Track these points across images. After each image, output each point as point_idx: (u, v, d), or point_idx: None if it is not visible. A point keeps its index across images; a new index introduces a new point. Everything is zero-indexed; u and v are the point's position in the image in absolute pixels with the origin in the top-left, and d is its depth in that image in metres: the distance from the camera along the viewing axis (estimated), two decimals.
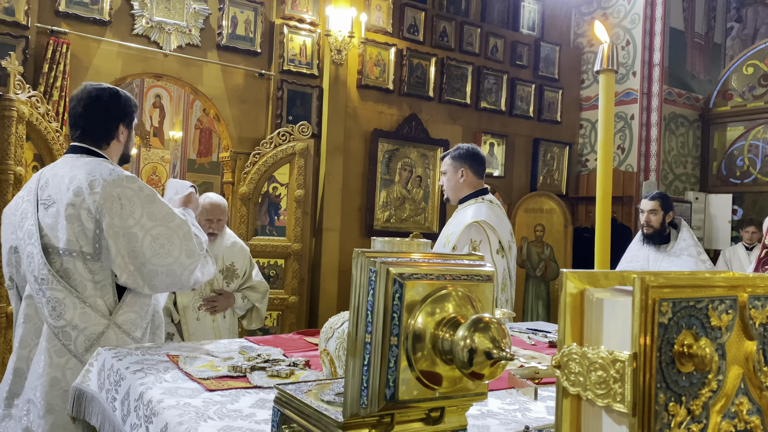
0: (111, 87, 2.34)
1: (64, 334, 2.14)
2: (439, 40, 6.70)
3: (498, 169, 7.20)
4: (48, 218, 2.17)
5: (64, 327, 2.14)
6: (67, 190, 2.15)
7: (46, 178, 2.25)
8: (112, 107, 2.31)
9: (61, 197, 2.15)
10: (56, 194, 2.17)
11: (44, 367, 2.15)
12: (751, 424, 0.70)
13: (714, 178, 7.77)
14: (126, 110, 2.34)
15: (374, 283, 0.92)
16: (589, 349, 0.65)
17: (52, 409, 2.13)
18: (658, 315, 0.61)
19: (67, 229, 2.12)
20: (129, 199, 2.14)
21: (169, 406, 1.46)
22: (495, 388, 1.73)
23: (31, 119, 4.05)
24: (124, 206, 2.13)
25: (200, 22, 5.33)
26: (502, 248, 3.15)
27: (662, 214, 3.99)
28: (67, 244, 2.13)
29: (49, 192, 2.20)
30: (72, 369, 2.13)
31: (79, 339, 2.15)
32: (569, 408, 0.69)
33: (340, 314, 1.59)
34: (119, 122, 2.33)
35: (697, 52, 7.84)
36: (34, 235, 2.17)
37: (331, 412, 1.01)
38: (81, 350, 2.15)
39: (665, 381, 0.62)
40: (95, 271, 2.16)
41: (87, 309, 2.15)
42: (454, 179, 3.28)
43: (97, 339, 2.16)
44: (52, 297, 2.13)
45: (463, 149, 3.29)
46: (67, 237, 2.13)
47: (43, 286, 2.14)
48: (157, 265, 2.16)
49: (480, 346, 0.88)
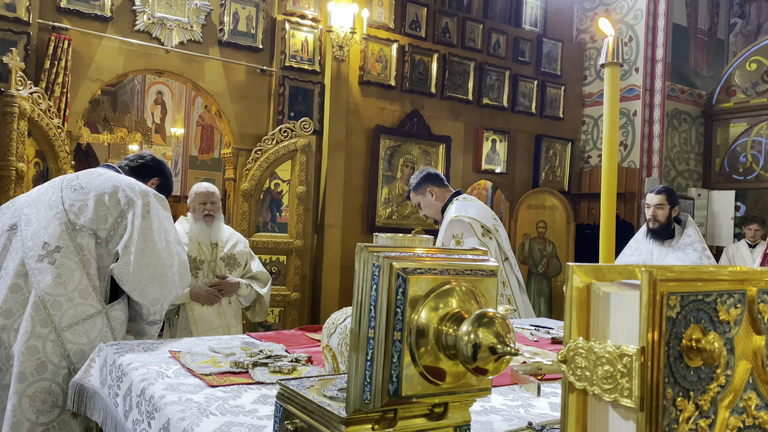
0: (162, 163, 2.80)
1: (55, 303, 2.16)
2: (441, 36, 6.68)
3: (500, 165, 7.19)
4: (73, 196, 2.33)
5: (60, 296, 2.16)
6: (102, 183, 2.37)
7: (75, 174, 2.48)
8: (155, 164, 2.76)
9: (94, 185, 2.36)
10: (88, 183, 2.37)
11: (24, 335, 2.16)
12: (760, 419, 0.69)
13: (717, 174, 7.75)
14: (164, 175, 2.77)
15: (377, 277, 0.91)
16: (596, 344, 0.64)
17: (25, 377, 2.14)
18: (666, 309, 0.60)
19: (93, 209, 2.28)
20: (156, 209, 2.36)
21: (171, 401, 1.46)
22: (498, 384, 1.73)
23: (32, 115, 4.04)
24: (151, 211, 2.33)
25: (202, 18, 5.32)
26: (487, 231, 3.43)
27: (668, 209, 3.98)
28: (87, 222, 2.27)
29: (80, 181, 2.39)
30: (52, 342, 2.15)
31: (68, 313, 2.16)
32: (575, 403, 0.68)
33: (343, 310, 1.58)
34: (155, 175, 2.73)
35: (700, 48, 7.81)
36: (56, 207, 2.30)
37: (333, 408, 1.00)
38: (64, 325, 2.16)
39: (673, 376, 0.61)
40: (101, 256, 2.28)
41: (89, 287, 2.21)
42: (429, 202, 3.61)
43: (84, 320, 2.18)
44: (63, 264, 2.19)
45: (418, 178, 3.63)
46: (90, 216, 2.27)
47: (56, 254, 2.20)
48: (157, 272, 2.28)
49: (484, 341, 0.87)
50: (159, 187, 2.66)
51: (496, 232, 3.44)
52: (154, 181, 2.67)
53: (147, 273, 2.25)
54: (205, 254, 3.39)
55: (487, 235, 3.34)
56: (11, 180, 3.89)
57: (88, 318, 2.19)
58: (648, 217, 4.05)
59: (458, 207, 3.47)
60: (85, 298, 2.20)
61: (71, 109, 4.72)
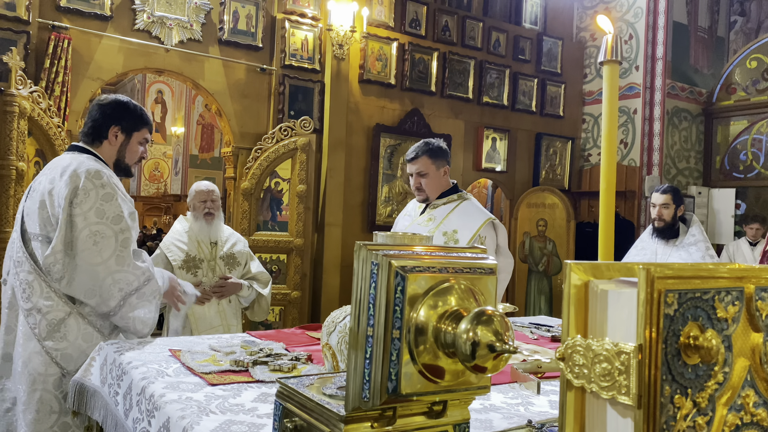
0: (121, 98, 2.47)
1: (31, 317, 2.19)
2: (441, 34, 6.68)
3: (500, 164, 7.19)
4: (28, 204, 2.30)
5: (30, 310, 2.19)
6: (44, 181, 2.27)
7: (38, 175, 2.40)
8: (109, 109, 2.42)
9: (41, 187, 2.27)
10: (38, 184, 2.30)
11: (18, 349, 2.23)
12: (758, 416, 0.69)
13: (717, 172, 7.74)
14: (124, 115, 2.43)
15: (376, 275, 0.91)
16: (594, 341, 0.64)
17: (26, 390, 2.19)
18: (664, 306, 0.60)
19: (39, 215, 2.23)
20: (86, 192, 2.19)
21: (171, 400, 1.46)
22: (498, 382, 1.73)
23: (32, 114, 4.05)
24: (78, 196, 2.18)
25: (201, 17, 5.32)
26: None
27: (674, 208, 3.99)
28: (37, 229, 2.23)
29: (34, 184, 2.34)
30: (37, 353, 2.17)
31: (42, 323, 2.18)
32: (573, 400, 0.68)
33: (342, 308, 1.58)
34: (112, 123, 2.40)
35: (700, 46, 7.80)
36: (18, 221, 2.31)
37: (333, 406, 1.00)
38: (43, 335, 2.18)
39: (671, 373, 0.61)
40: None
41: (51, 293, 2.19)
42: (438, 177, 3.15)
43: (58, 325, 2.18)
44: (24, 279, 2.21)
45: (436, 145, 3.15)
46: (38, 222, 2.23)
47: (18, 269, 2.23)
48: (83, 262, 2.15)
49: (483, 339, 0.87)
50: (125, 127, 2.41)
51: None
52: (114, 131, 2.39)
53: (72, 265, 2.16)
54: (205, 253, 3.40)
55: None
56: (11, 179, 3.90)
57: (61, 323, 2.19)
58: (653, 216, 4.05)
59: (481, 207, 3.19)
60: (49, 305, 2.18)
61: (71, 108, 4.72)
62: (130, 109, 2.44)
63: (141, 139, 2.47)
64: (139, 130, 2.45)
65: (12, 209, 3.91)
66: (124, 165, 2.46)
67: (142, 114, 2.47)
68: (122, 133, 2.42)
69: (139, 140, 2.47)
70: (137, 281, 2.22)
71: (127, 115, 2.43)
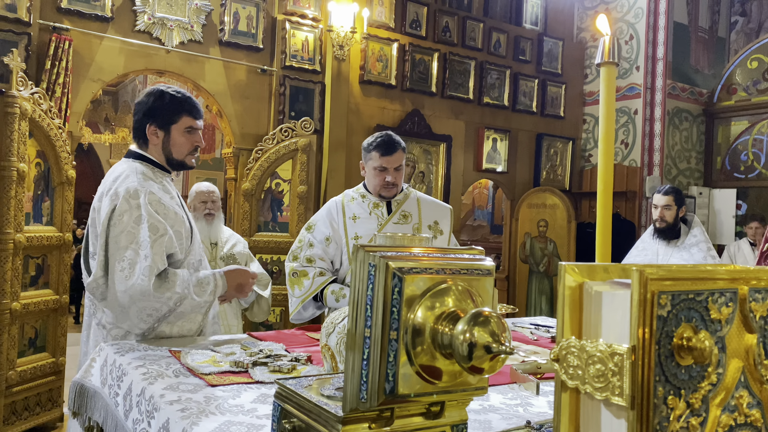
0: (154, 89, 2.28)
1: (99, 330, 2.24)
2: (441, 35, 6.68)
3: (501, 164, 7.19)
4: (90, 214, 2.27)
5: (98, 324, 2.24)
6: (98, 193, 2.24)
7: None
8: (143, 106, 2.26)
9: (95, 198, 2.24)
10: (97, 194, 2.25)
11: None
12: (752, 417, 0.70)
13: (718, 172, 7.74)
14: (155, 109, 2.24)
15: (373, 277, 0.92)
16: (588, 343, 0.65)
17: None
18: (657, 308, 0.61)
19: (91, 231, 2.21)
20: (121, 214, 2.09)
21: (170, 401, 1.46)
22: (497, 383, 1.73)
23: (33, 116, 4.05)
24: (113, 218, 2.09)
25: (202, 18, 5.33)
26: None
27: (676, 209, 3.99)
28: (90, 246, 2.20)
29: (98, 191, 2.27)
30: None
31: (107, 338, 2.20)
32: (568, 401, 0.69)
33: (341, 309, 1.59)
34: (147, 122, 2.25)
35: (701, 47, 7.80)
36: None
37: (331, 407, 1.01)
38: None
39: (664, 374, 0.62)
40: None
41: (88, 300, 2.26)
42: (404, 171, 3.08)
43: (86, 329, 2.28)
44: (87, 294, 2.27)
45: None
46: (91, 238, 2.20)
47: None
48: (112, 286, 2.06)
49: (479, 340, 0.88)
50: (160, 123, 2.23)
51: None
52: (151, 130, 2.24)
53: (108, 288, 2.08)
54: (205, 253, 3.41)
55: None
56: (12, 180, 3.90)
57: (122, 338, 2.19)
58: (655, 217, 4.05)
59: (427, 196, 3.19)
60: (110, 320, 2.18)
61: (72, 110, 4.73)
62: (161, 101, 2.23)
63: (184, 129, 2.25)
64: (176, 121, 2.24)
65: (13, 210, 3.92)
66: (175, 162, 2.29)
67: (175, 102, 2.24)
68: (160, 129, 2.24)
69: (182, 130, 2.25)
70: (165, 307, 2.08)
71: (159, 109, 2.23)
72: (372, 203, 2.99)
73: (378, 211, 2.98)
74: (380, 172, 2.91)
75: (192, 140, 2.28)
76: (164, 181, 2.27)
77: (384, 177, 2.91)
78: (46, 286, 4.32)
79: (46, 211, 4.32)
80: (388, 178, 2.91)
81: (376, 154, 2.89)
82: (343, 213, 2.98)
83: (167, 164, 2.30)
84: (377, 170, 2.92)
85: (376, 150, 2.89)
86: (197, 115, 2.28)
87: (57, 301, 4.35)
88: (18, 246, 3.96)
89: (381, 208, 2.98)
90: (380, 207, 2.98)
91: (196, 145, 2.30)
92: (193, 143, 2.29)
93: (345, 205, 3.01)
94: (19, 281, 4.00)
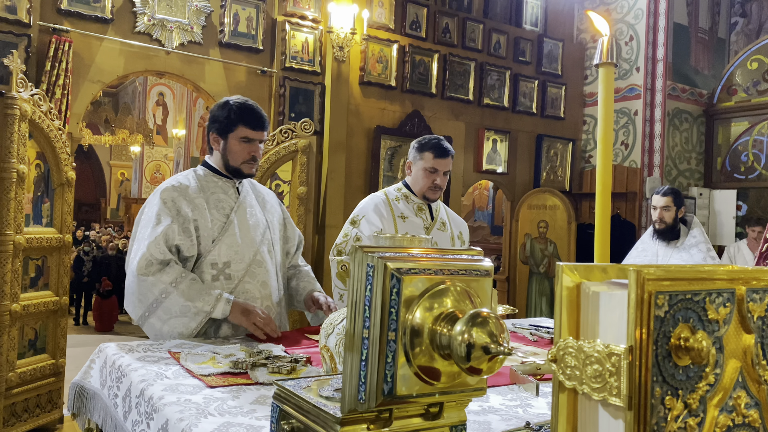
0: (223, 100, 2.43)
1: None
2: (441, 36, 6.68)
3: (501, 165, 7.19)
4: None
5: None
6: None
7: None
8: (210, 115, 2.44)
9: None
10: None
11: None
12: (749, 417, 0.70)
13: (718, 173, 7.74)
14: (217, 118, 2.39)
15: (372, 278, 0.92)
16: (585, 343, 0.65)
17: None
18: (654, 308, 0.61)
19: None
20: (148, 204, 2.35)
21: (170, 402, 1.46)
22: (496, 384, 1.73)
23: (33, 117, 4.05)
24: (141, 210, 2.37)
25: (202, 20, 5.33)
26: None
27: (675, 210, 3.99)
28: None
29: None
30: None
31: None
32: (566, 402, 0.69)
33: (341, 310, 1.59)
34: (210, 130, 2.42)
35: (701, 48, 7.80)
36: None
37: (329, 408, 1.01)
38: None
39: (661, 374, 0.62)
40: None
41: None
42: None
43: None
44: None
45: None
46: None
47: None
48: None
49: (478, 341, 0.87)
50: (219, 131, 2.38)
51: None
52: (213, 137, 2.40)
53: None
54: None
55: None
56: (12, 182, 3.90)
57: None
58: (654, 219, 4.05)
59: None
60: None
61: (72, 111, 4.74)
62: (222, 110, 2.38)
63: (239, 138, 2.36)
64: (233, 130, 2.36)
65: (12, 212, 3.91)
66: (231, 168, 2.40)
67: (233, 112, 2.36)
68: (220, 137, 2.38)
69: (238, 139, 2.36)
70: (151, 295, 2.18)
71: (220, 118, 2.38)
72: (416, 205, 3.02)
73: (423, 215, 3.02)
74: (431, 173, 2.92)
75: (247, 149, 2.38)
76: (220, 183, 2.42)
77: (434, 179, 2.93)
78: (45, 287, 4.32)
79: (45, 213, 4.32)
80: (437, 181, 2.93)
81: (430, 155, 2.91)
82: (392, 209, 2.99)
83: (225, 170, 2.43)
84: (428, 171, 2.93)
85: (430, 151, 2.91)
86: (255, 126, 2.37)
87: (57, 303, 4.35)
88: (18, 247, 3.96)
89: (425, 212, 3.03)
90: (424, 211, 3.03)
91: (252, 156, 2.39)
92: (249, 152, 2.38)
93: (392, 203, 3.01)
94: (18, 283, 4.00)
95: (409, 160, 3.02)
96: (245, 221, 2.40)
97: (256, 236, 2.42)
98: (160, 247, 2.20)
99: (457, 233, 3.11)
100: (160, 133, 15.66)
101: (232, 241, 2.34)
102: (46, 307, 4.27)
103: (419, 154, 2.94)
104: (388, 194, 3.05)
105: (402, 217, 2.99)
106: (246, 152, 2.37)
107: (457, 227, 3.14)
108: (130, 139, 13.28)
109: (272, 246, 2.50)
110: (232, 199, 2.41)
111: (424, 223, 3.01)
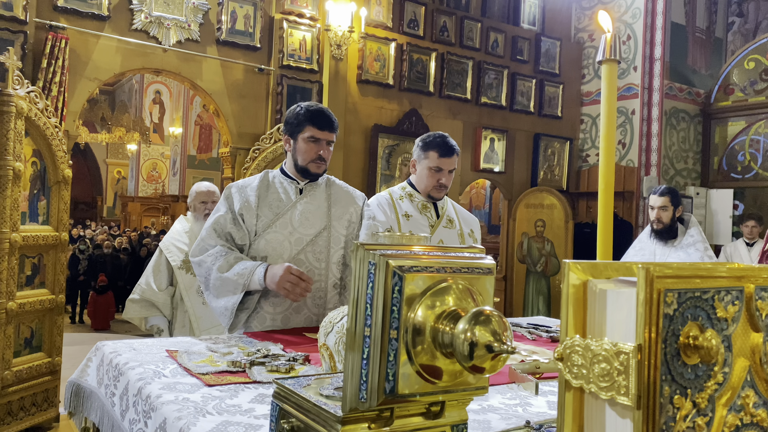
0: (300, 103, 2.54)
1: None
2: (439, 35, 6.68)
3: (498, 164, 7.19)
4: None
5: None
6: None
7: None
8: (285, 117, 2.55)
9: None
10: None
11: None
12: (758, 417, 0.69)
13: (715, 173, 7.75)
14: (288, 120, 2.51)
15: (373, 275, 0.91)
16: (593, 341, 0.64)
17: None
18: (663, 306, 0.60)
19: None
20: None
21: (167, 401, 1.45)
22: (496, 383, 1.72)
23: (29, 115, 4.03)
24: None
25: (199, 17, 5.31)
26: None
27: (672, 210, 3.99)
28: None
29: None
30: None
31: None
32: (572, 401, 0.68)
33: (340, 309, 1.58)
34: (284, 132, 2.54)
35: (698, 47, 7.81)
36: None
37: (330, 407, 1.00)
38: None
39: (670, 373, 0.61)
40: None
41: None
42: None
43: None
44: None
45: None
46: None
47: None
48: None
49: (481, 340, 0.87)
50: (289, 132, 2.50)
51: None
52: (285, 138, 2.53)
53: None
54: None
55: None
56: (8, 179, 3.88)
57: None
58: (652, 219, 4.04)
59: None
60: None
61: (69, 109, 4.71)
62: (293, 113, 2.50)
63: (307, 138, 2.45)
64: (301, 130, 2.46)
65: (9, 210, 3.89)
66: (299, 167, 2.49)
67: (302, 114, 2.46)
68: (290, 137, 2.50)
69: (305, 139, 2.45)
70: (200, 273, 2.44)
71: (290, 120, 2.50)
72: (421, 204, 2.98)
73: (427, 213, 2.98)
74: (436, 172, 2.89)
75: (315, 149, 2.47)
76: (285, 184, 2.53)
77: (438, 178, 2.89)
78: (42, 285, 4.30)
79: (42, 211, 4.30)
80: (442, 180, 2.90)
81: (435, 154, 2.87)
82: (395, 208, 2.96)
83: (295, 170, 2.53)
84: (432, 170, 2.89)
85: (435, 150, 2.88)
86: (323, 127, 2.46)
87: (53, 301, 4.33)
88: (14, 245, 3.94)
89: (430, 210, 2.99)
90: (429, 209, 2.98)
91: (320, 156, 2.48)
92: (315, 152, 2.47)
93: (395, 202, 2.99)
94: (14, 281, 3.98)
95: (413, 158, 2.99)
96: (293, 221, 2.47)
97: (305, 237, 2.46)
98: (210, 232, 2.45)
99: (467, 231, 3.06)
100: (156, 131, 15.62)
101: (273, 237, 2.45)
102: (42, 305, 4.25)
103: (424, 152, 2.91)
104: (393, 193, 3.03)
105: (406, 215, 2.97)
106: (313, 152, 2.46)
107: (467, 225, 3.09)
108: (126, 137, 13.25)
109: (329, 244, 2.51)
110: (289, 200, 2.50)
111: (429, 221, 2.98)
